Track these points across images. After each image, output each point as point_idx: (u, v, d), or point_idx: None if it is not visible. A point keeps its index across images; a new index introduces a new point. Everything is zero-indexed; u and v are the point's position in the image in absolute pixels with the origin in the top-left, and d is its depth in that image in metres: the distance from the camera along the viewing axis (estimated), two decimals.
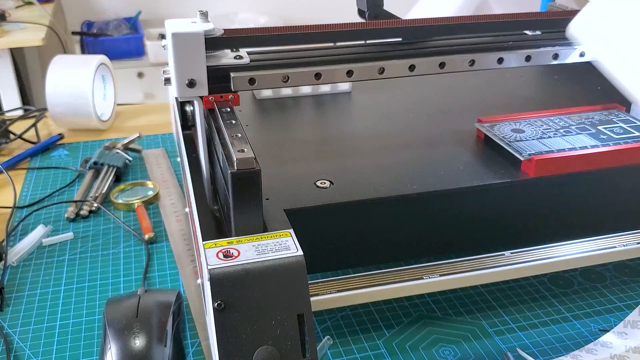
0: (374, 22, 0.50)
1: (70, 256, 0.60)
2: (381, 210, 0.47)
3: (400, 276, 0.45)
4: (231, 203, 0.39)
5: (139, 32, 2.19)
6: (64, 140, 0.85)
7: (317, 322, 0.50)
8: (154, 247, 0.61)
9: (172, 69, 0.45)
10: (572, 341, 0.49)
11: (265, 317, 0.37)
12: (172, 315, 0.47)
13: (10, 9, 1.93)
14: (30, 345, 0.49)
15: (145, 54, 2.14)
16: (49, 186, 0.73)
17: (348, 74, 0.49)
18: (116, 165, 0.74)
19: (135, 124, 0.92)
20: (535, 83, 0.71)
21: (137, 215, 0.66)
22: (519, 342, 0.49)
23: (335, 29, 0.48)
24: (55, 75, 0.83)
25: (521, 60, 0.52)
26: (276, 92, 0.67)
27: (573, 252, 0.48)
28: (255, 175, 0.39)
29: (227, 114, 0.45)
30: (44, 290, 0.56)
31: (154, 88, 2.14)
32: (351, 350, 0.48)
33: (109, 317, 0.47)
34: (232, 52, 0.49)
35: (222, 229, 0.44)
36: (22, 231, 0.64)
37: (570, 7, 0.65)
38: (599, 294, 0.54)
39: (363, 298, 0.44)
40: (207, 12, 0.46)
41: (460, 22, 0.51)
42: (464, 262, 0.46)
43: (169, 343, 0.45)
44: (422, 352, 0.48)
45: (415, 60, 0.50)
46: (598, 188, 0.52)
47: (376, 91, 0.67)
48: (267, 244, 0.39)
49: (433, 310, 0.52)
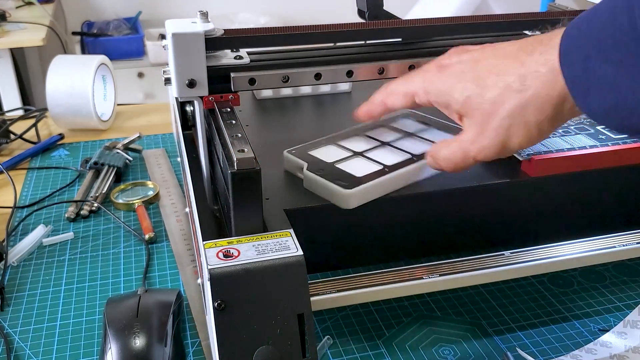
0: (374, 22, 0.50)
1: (70, 256, 0.60)
2: (381, 210, 0.47)
3: (400, 276, 0.45)
4: (231, 203, 0.39)
5: (139, 32, 2.20)
6: (64, 140, 0.85)
7: (317, 322, 0.50)
8: (154, 247, 0.61)
9: (172, 69, 0.45)
10: (571, 341, 0.49)
11: (265, 317, 0.37)
12: (172, 315, 0.47)
13: (11, 9, 1.93)
14: (31, 345, 0.49)
15: (145, 54, 2.14)
16: (49, 186, 0.73)
17: (348, 74, 0.49)
18: (116, 165, 0.74)
19: (135, 124, 0.92)
20: None
21: (137, 215, 0.66)
22: (519, 342, 0.49)
23: (335, 29, 0.48)
24: (56, 75, 0.83)
25: None
26: (276, 92, 0.67)
27: (573, 252, 0.48)
28: (255, 175, 0.39)
29: (227, 114, 0.45)
30: (45, 290, 0.56)
31: (154, 88, 2.14)
32: (351, 350, 0.48)
33: (109, 316, 0.47)
34: (232, 52, 0.49)
35: (222, 229, 0.44)
36: (22, 231, 0.64)
37: (570, 7, 0.65)
38: (599, 293, 0.54)
39: (363, 298, 0.44)
40: (207, 12, 0.46)
41: (460, 22, 0.51)
42: (464, 262, 0.46)
43: (169, 343, 0.45)
44: (422, 351, 0.48)
45: (415, 61, 0.50)
46: (597, 188, 0.52)
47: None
48: (267, 243, 0.39)
49: (433, 310, 0.52)
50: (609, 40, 0.32)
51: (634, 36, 0.31)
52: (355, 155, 0.50)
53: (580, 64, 0.34)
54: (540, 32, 0.47)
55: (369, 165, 0.48)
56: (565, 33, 0.35)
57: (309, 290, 0.38)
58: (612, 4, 0.33)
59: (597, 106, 0.34)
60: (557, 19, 0.54)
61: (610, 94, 0.33)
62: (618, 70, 0.32)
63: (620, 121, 0.34)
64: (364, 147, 0.51)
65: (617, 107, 0.33)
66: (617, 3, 0.32)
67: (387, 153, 0.50)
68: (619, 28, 0.32)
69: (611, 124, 0.34)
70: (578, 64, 0.34)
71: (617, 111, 0.33)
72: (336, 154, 0.50)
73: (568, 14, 0.59)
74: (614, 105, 0.33)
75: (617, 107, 0.33)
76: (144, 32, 2.19)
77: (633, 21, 0.31)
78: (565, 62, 0.35)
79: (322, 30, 0.48)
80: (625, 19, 0.31)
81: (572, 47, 0.34)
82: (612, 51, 0.32)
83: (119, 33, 2.20)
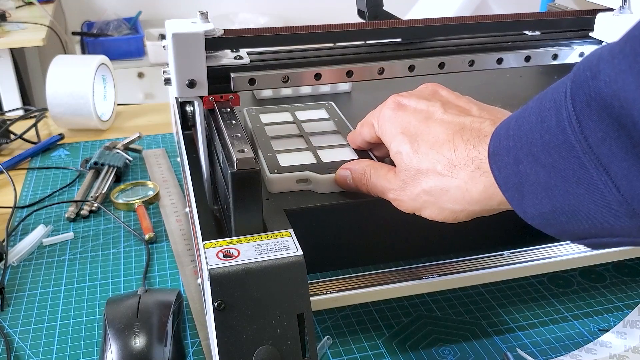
0: (374, 22, 0.50)
1: (70, 256, 0.60)
2: (381, 211, 0.47)
3: (400, 276, 0.45)
4: (231, 203, 0.39)
5: (139, 33, 2.20)
6: (64, 140, 0.85)
7: (317, 322, 0.50)
8: (154, 247, 0.61)
9: (172, 69, 0.45)
10: (571, 341, 0.49)
11: (265, 317, 0.37)
12: (172, 315, 0.47)
13: (11, 9, 1.93)
14: (31, 345, 0.49)
15: (145, 54, 2.14)
16: (49, 186, 0.73)
17: (348, 74, 0.49)
18: (116, 165, 0.74)
19: (135, 124, 0.92)
20: (535, 83, 0.71)
21: (137, 215, 0.66)
22: (519, 342, 0.49)
23: (335, 29, 0.49)
24: (56, 75, 0.83)
25: (521, 60, 0.52)
26: (276, 92, 0.67)
27: (572, 252, 0.48)
28: (255, 175, 0.39)
29: (227, 114, 0.45)
30: (45, 290, 0.56)
31: (154, 88, 2.14)
32: (351, 350, 0.48)
33: (109, 316, 0.47)
34: (232, 52, 0.49)
35: (222, 229, 0.44)
36: (22, 231, 0.64)
37: (570, 7, 0.65)
38: (599, 293, 0.54)
39: (363, 298, 0.44)
40: (207, 13, 0.46)
41: (460, 22, 0.51)
42: (464, 262, 0.46)
43: (169, 343, 0.45)
44: (422, 351, 0.48)
45: (415, 61, 0.50)
46: None
47: (376, 91, 0.67)
48: (267, 243, 0.39)
49: (433, 310, 0.52)
50: (539, 143, 0.30)
51: (564, 139, 0.29)
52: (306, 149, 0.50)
53: (512, 166, 0.32)
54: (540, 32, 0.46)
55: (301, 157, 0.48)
56: (494, 134, 0.34)
57: (309, 290, 0.38)
58: (539, 105, 0.31)
59: (534, 210, 0.32)
60: (557, 19, 0.54)
61: (546, 199, 0.31)
62: (550, 174, 0.30)
63: (558, 227, 0.32)
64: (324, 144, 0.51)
65: (554, 212, 0.31)
66: (544, 104, 0.31)
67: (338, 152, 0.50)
68: (548, 130, 0.30)
69: (549, 229, 0.33)
70: (509, 166, 0.32)
71: (555, 216, 0.31)
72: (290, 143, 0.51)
73: (568, 14, 0.59)
74: (551, 210, 0.31)
75: (555, 212, 0.31)
76: (144, 32, 2.19)
77: (561, 122, 0.29)
78: (495, 163, 0.33)
79: (322, 30, 0.48)
80: (552, 120, 0.30)
81: (501, 149, 0.33)
82: (542, 154, 0.30)
83: (119, 33, 2.20)
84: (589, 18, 0.54)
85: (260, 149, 0.49)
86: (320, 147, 0.50)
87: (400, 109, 0.42)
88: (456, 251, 0.49)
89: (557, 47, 0.53)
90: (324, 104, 0.59)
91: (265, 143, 0.50)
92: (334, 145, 0.51)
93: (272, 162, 0.47)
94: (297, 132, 0.53)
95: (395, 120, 0.42)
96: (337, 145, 0.51)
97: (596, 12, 0.54)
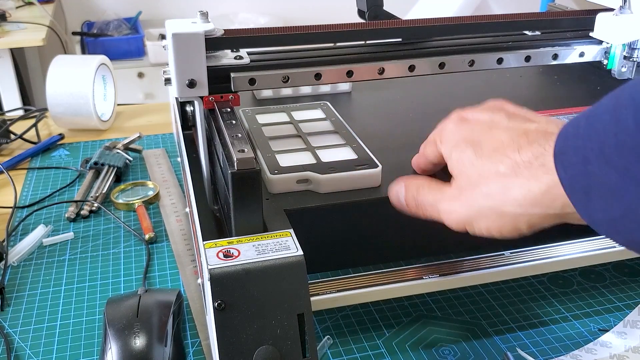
0: (374, 22, 0.50)
1: (70, 256, 0.60)
2: (381, 211, 0.47)
3: (400, 276, 0.45)
4: (231, 203, 0.39)
5: (139, 33, 2.20)
6: (64, 140, 0.85)
7: (317, 322, 0.50)
8: (154, 247, 0.61)
9: (172, 69, 0.45)
10: (571, 341, 0.49)
11: (265, 317, 0.37)
12: (172, 315, 0.47)
13: (11, 9, 1.93)
14: (31, 345, 0.49)
15: (145, 54, 2.14)
16: (49, 186, 0.73)
17: (348, 74, 0.49)
18: (116, 165, 0.74)
19: (135, 124, 0.92)
20: (535, 83, 0.71)
21: (137, 215, 0.66)
22: (519, 342, 0.49)
23: (335, 29, 0.49)
24: (56, 75, 0.83)
25: (521, 60, 0.52)
26: (276, 92, 0.67)
27: (573, 252, 0.48)
28: (255, 175, 0.39)
29: (227, 114, 0.45)
30: (45, 290, 0.56)
31: (154, 88, 2.14)
32: (351, 350, 0.48)
33: (109, 317, 0.47)
34: (232, 52, 0.49)
35: (222, 229, 0.44)
36: (22, 231, 0.64)
37: (570, 7, 0.65)
38: (599, 293, 0.54)
39: (363, 298, 0.44)
40: (207, 13, 0.46)
41: (460, 22, 0.51)
42: (464, 262, 0.46)
43: (169, 343, 0.45)
44: (422, 351, 0.48)
45: (415, 61, 0.50)
46: None
47: (376, 91, 0.67)
48: (267, 244, 0.39)
49: (433, 310, 0.52)
50: (612, 143, 0.28)
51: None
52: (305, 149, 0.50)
53: (579, 166, 0.30)
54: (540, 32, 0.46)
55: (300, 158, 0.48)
56: (561, 132, 0.32)
57: (309, 290, 0.38)
58: (614, 102, 0.29)
59: (602, 216, 0.30)
60: (557, 19, 0.54)
61: (616, 203, 0.29)
62: (623, 177, 0.28)
63: (627, 234, 0.29)
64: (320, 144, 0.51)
65: (624, 219, 0.29)
66: (620, 101, 0.29)
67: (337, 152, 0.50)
68: (623, 129, 0.28)
69: (617, 237, 0.30)
70: (576, 166, 0.30)
71: (624, 223, 0.29)
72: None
73: (568, 14, 0.59)
74: (620, 216, 0.29)
75: (625, 218, 0.29)
76: (144, 32, 2.19)
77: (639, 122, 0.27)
78: (561, 162, 0.31)
79: (322, 30, 0.48)
80: (630, 119, 0.27)
81: (568, 148, 0.31)
82: (615, 156, 0.28)
83: (119, 33, 2.20)
84: (589, 18, 0.54)
85: (259, 150, 0.49)
86: (318, 147, 0.50)
87: (464, 121, 0.40)
88: (456, 251, 0.49)
89: (557, 47, 0.53)
90: (320, 103, 0.59)
91: (264, 144, 0.50)
92: (332, 145, 0.51)
93: (272, 163, 0.47)
94: (295, 133, 0.53)
95: (457, 131, 0.40)
96: (336, 145, 0.51)
97: (596, 12, 0.54)
